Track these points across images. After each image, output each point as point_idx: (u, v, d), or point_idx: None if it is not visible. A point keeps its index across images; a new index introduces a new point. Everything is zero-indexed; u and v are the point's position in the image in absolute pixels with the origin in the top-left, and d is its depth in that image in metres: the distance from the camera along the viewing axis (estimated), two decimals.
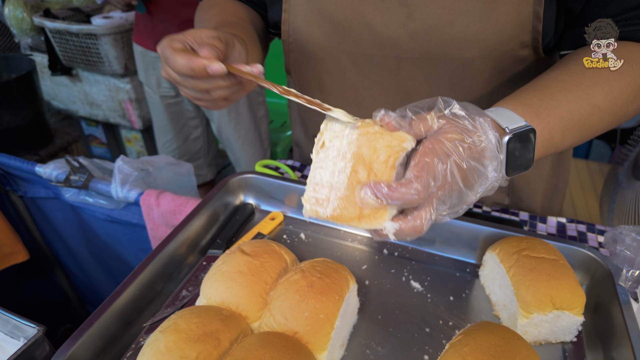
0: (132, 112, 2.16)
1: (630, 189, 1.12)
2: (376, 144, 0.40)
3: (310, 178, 0.43)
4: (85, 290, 1.30)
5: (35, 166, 0.97)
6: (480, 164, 0.40)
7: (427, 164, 0.38)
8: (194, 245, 0.70)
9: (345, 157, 0.41)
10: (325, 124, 0.44)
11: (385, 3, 0.56)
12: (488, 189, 0.42)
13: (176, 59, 0.46)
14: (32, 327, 0.53)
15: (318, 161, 0.42)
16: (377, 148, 0.40)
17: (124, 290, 0.57)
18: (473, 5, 0.53)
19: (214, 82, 0.48)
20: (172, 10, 1.41)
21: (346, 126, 0.42)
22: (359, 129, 0.42)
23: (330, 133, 0.43)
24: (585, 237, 0.75)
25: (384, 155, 0.40)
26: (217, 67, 0.46)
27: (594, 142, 2.42)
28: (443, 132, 0.40)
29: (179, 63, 0.46)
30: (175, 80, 0.50)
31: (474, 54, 0.56)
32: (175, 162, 1.07)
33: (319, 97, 0.72)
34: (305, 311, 0.49)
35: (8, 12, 2.07)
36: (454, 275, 0.67)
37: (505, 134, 0.43)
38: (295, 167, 0.94)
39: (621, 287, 0.57)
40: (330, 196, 0.41)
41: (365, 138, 0.41)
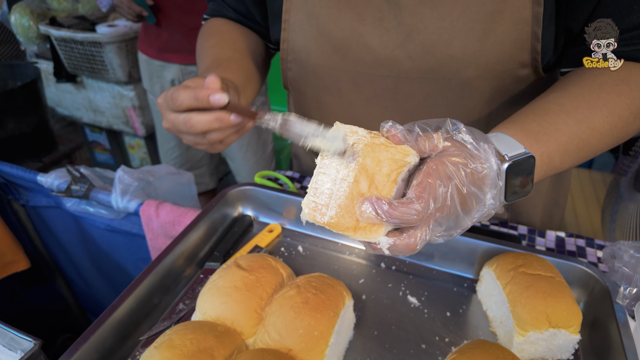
0: (136, 119, 2.17)
1: (633, 201, 1.11)
2: (380, 155, 0.41)
3: (312, 182, 0.42)
4: (86, 299, 1.30)
5: (37, 175, 0.98)
6: (480, 190, 0.40)
7: (429, 184, 0.38)
8: (191, 258, 0.70)
9: (348, 165, 0.41)
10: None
11: (383, 23, 0.57)
12: (484, 215, 0.42)
13: (180, 92, 0.48)
14: (29, 341, 0.53)
15: (322, 166, 0.42)
16: (381, 160, 0.41)
17: (121, 303, 0.58)
18: (471, 26, 0.53)
19: (214, 122, 0.48)
20: (178, 18, 1.43)
21: (353, 135, 0.42)
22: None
23: None
24: (584, 252, 0.75)
25: (387, 168, 0.40)
26: (220, 97, 0.47)
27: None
28: (447, 154, 0.40)
29: (182, 95, 0.48)
30: (177, 128, 0.50)
31: (473, 73, 0.56)
32: (175, 172, 1.07)
33: (317, 114, 0.72)
34: (300, 328, 0.49)
35: (14, 20, 2.10)
36: (451, 290, 0.66)
37: (504, 161, 0.43)
38: (295, 178, 0.95)
39: (619, 304, 0.56)
40: (329, 203, 0.41)
41: (370, 149, 0.41)
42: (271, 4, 0.67)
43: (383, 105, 0.64)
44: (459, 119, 0.61)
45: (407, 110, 0.63)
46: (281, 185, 0.91)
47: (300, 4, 0.61)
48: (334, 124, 0.43)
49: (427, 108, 0.62)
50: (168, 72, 1.56)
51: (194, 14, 1.43)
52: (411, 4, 0.55)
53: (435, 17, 0.54)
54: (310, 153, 0.89)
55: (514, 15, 0.52)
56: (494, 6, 0.52)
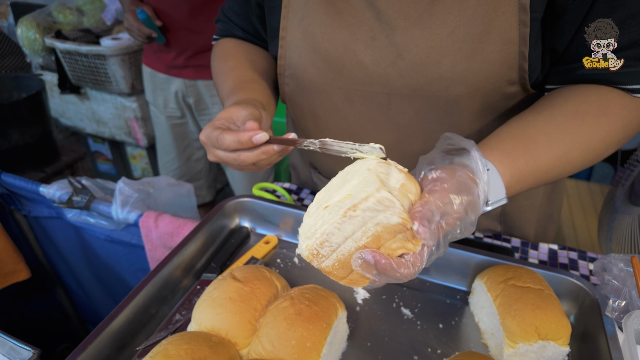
0: (138, 129, 2.20)
1: (628, 214, 1.12)
2: (397, 233, 0.41)
3: (324, 232, 0.41)
4: (85, 308, 1.31)
5: (40, 186, 0.99)
6: (470, 222, 0.44)
7: (422, 252, 0.42)
8: (188, 269, 0.72)
9: (366, 232, 0.41)
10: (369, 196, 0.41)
11: (375, 42, 0.59)
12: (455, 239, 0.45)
13: (225, 136, 0.52)
14: (28, 350, 0.54)
15: (340, 223, 0.41)
16: (396, 239, 0.42)
17: (118, 313, 0.59)
18: (459, 46, 0.55)
19: (261, 155, 0.53)
20: (186, 38, 1.48)
21: (386, 209, 0.41)
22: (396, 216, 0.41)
23: (368, 209, 0.41)
24: (576, 264, 0.76)
25: (396, 244, 0.42)
26: (261, 136, 0.51)
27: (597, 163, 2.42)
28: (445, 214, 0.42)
29: (227, 140, 0.51)
30: (227, 163, 0.55)
31: (461, 91, 0.58)
32: (175, 183, 1.09)
33: (313, 127, 0.74)
34: (293, 339, 0.50)
35: (21, 33, 2.14)
36: (444, 302, 0.67)
37: (486, 205, 0.47)
38: (292, 190, 0.96)
39: (608, 317, 0.57)
40: (331, 255, 0.43)
41: (393, 229, 0.41)
42: (270, 21, 0.69)
43: (376, 120, 0.66)
44: None
45: (399, 125, 0.65)
46: (278, 197, 0.92)
47: (297, 22, 0.63)
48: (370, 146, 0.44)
49: (418, 123, 0.64)
50: (172, 86, 1.59)
51: (201, 33, 1.47)
52: (402, 24, 0.57)
53: (424, 37, 0.56)
54: (308, 165, 0.91)
55: (501, 36, 0.54)
56: (481, 27, 0.54)
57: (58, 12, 2.25)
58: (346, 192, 0.41)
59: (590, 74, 0.56)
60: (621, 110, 0.54)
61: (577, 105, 0.54)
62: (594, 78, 0.56)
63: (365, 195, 0.40)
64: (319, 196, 0.45)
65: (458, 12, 0.54)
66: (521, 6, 0.52)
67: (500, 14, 0.53)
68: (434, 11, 0.55)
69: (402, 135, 0.66)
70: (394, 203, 0.40)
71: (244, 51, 0.75)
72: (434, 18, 0.55)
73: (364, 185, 0.40)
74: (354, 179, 0.41)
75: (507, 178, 0.49)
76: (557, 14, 0.54)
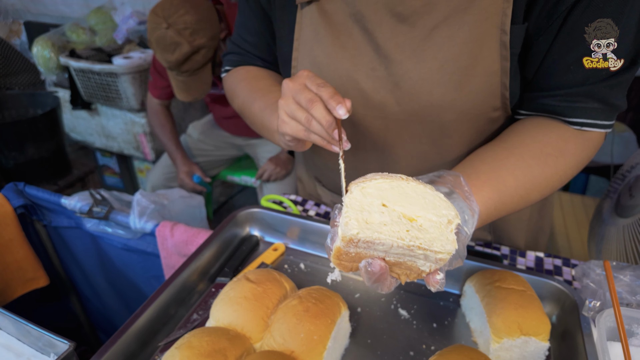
0: (146, 144, 2.28)
1: (614, 225, 1.18)
2: (417, 263, 0.46)
3: (378, 237, 0.42)
4: (98, 316, 1.37)
5: (61, 198, 1.06)
6: None
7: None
8: (204, 274, 0.78)
9: (397, 258, 0.45)
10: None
11: (375, 73, 0.66)
12: None
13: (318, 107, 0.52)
14: (64, 343, 0.60)
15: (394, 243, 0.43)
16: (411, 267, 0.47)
17: (142, 313, 0.65)
18: (449, 78, 0.62)
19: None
20: (202, 102, 1.70)
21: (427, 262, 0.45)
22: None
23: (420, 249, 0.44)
24: (560, 270, 0.82)
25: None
26: (343, 113, 0.52)
27: (592, 178, 2.48)
28: None
29: (318, 113, 0.52)
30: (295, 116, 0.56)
31: (451, 117, 0.66)
32: (187, 195, 1.16)
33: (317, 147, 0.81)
34: (301, 333, 0.57)
35: (37, 52, 2.24)
36: (438, 304, 0.74)
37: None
38: (298, 201, 1.03)
39: (585, 316, 0.63)
40: (359, 249, 0.45)
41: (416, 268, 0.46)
42: (281, 49, 0.77)
43: (375, 142, 0.73)
44: (441, 155, 0.72)
45: (395, 146, 0.72)
46: (285, 208, 0.99)
47: (306, 53, 0.71)
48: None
49: (412, 145, 0.71)
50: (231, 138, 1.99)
51: (218, 101, 1.85)
52: (398, 58, 0.64)
53: (418, 70, 0.63)
54: (313, 178, 0.98)
55: (485, 69, 0.62)
56: (468, 62, 0.61)
57: (72, 32, 2.35)
58: (417, 219, 0.43)
59: (547, 105, 0.64)
60: (576, 150, 0.62)
61: (542, 147, 0.61)
62: (549, 109, 0.64)
63: (433, 246, 0.42)
64: (381, 182, 0.44)
65: (447, 48, 0.61)
66: (502, 43, 0.60)
67: (485, 50, 0.61)
68: (427, 47, 0.62)
69: (398, 156, 0.74)
70: (439, 264, 0.45)
71: (270, 74, 0.83)
72: (426, 53, 0.62)
73: (441, 234, 0.43)
74: (431, 212, 0.43)
75: (481, 210, 0.55)
76: (526, 49, 0.62)
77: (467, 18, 0.59)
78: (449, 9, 0.60)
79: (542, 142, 0.62)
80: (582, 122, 0.62)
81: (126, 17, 2.32)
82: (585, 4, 0.55)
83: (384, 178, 0.44)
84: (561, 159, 0.61)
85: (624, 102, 0.62)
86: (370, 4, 0.64)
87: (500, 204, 0.58)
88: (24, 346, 0.67)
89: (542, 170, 0.60)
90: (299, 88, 0.55)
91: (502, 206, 0.59)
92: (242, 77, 0.82)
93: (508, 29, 0.59)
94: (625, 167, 1.24)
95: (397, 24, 0.63)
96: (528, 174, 0.60)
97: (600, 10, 0.55)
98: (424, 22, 0.62)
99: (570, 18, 0.57)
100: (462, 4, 0.59)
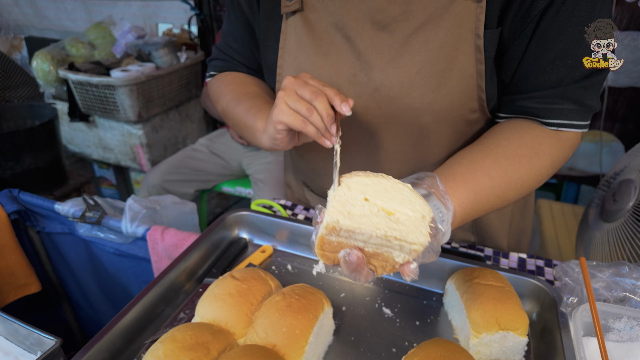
0: (143, 155, 2.31)
1: (599, 230, 1.20)
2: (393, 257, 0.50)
3: (358, 227, 0.47)
4: (90, 323, 1.37)
5: (55, 204, 1.08)
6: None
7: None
8: (192, 274, 0.79)
9: (374, 249, 0.49)
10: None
11: (357, 79, 0.69)
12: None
13: (321, 101, 0.56)
14: (50, 339, 0.61)
15: (373, 232, 0.47)
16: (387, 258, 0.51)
17: (129, 310, 0.66)
18: (426, 81, 0.65)
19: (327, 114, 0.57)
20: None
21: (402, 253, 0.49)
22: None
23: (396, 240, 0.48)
24: (542, 271, 0.84)
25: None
26: (347, 110, 0.56)
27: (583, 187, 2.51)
28: None
29: (320, 106, 0.56)
30: (296, 107, 0.58)
31: (430, 119, 0.68)
32: (180, 202, 1.18)
33: (303, 151, 0.84)
34: (283, 327, 0.58)
35: (36, 65, 2.28)
36: (421, 303, 0.75)
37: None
38: (287, 206, 1.05)
39: (563, 312, 0.65)
40: (340, 238, 0.49)
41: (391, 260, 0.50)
42: (265, 57, 0.80)
43: (358, 144, 0.76)
44: (422, 157, 0.74)
45: (378, 147, 0.75)
46: (274, 212, 1.00)
47: (291, 61, 0.74)
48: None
49: (394, 147, 0.74)
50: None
51: None
52: (379, 64, 0.67)
53: (397, 74, 0.66)
54: (301, 184, 1.00)
55: (461, 72, 0.64)
56: (444, 65, 0.64)
57: (71, 46, 2.40)
58: (395, 213, 0.47)
59: (524, 107, 0.67)
60: (550, 150, 0.65)
61: (516, 148, 0.64)
62: (527, 111, 0.67)
63: (408, 238, 0.47)
64: (364, 179, 0.49)
65: (424, 53, 0.64)
66: (477, 47, 0.63)
67: (460, 54, 0.64)
68: (405, 52, 0.65)
69: (381, 159, 0.76)
70: (413, 255, 0.48)
71: (255, 81, 0.86)
72: (404, 58, 0.65)
73: (415, 227, 0.47)
74: (407, 207, 0.47)
75: (456, 212, 0.57)
76: (502, 53, 0.65)
77: (443, 24, 0.62)
78: (425, 15, 0.63)
79: (517, 144, 0.65)
80: (559, 123, 0.65)
81: (125, 31, 2.37)
82: (556, 9, 0.59)
83: (366, 175, 0.49)
84: (535, 159, 0.64)
85: (598, 103, 0.65)
86: (352, 13, 0.67)
87: (476, 204, 0.61)
88: (12, 345, 0.68)
89: (517, 170, 0.63)
90: (302, 83, 0.59)
91: (479, 205, 0.61)
92: (230, 81, 0.85)
93: (482, 33, 0.62)
94: (610, 174, 1.26)
95: (377, 31, 0.66)
96: (503, 174, 0.62)
97: (570, 14, 0.58)
98: (402, 29, 0.65)
99: (543, 22, 0.60)
100: (438, 11, 0.62)
